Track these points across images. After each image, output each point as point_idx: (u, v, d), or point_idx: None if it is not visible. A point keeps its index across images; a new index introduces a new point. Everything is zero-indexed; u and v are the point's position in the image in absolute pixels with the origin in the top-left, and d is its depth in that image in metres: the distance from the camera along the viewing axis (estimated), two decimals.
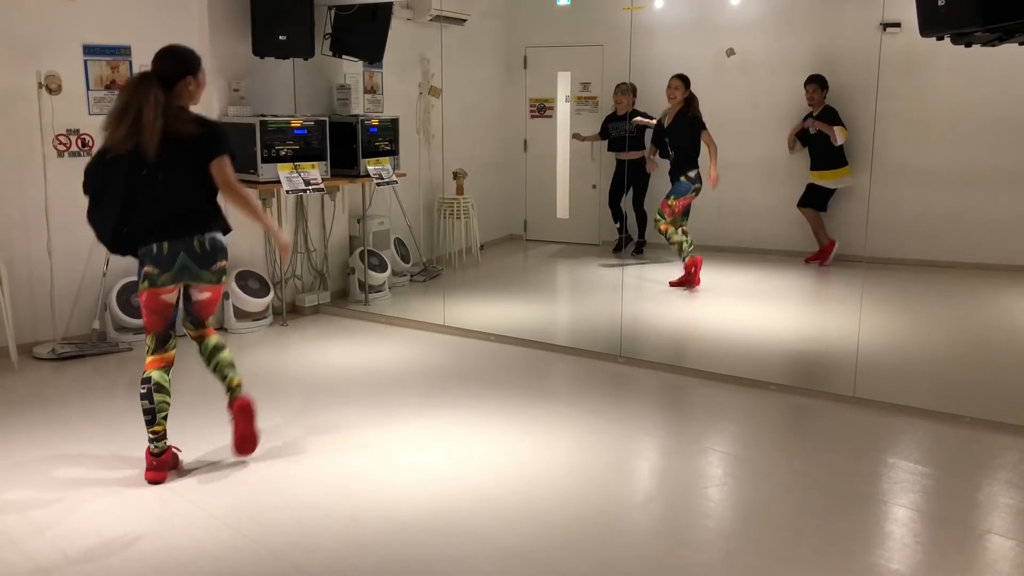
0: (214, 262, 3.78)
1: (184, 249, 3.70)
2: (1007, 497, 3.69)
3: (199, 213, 3.78)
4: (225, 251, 3.84)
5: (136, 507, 3.56)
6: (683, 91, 7.10)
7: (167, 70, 3.68)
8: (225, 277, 3.90)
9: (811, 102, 7.89)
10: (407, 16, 7.70)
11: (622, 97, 8.39)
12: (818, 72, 7.88)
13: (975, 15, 3.42)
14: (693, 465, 4.08)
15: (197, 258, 3.73)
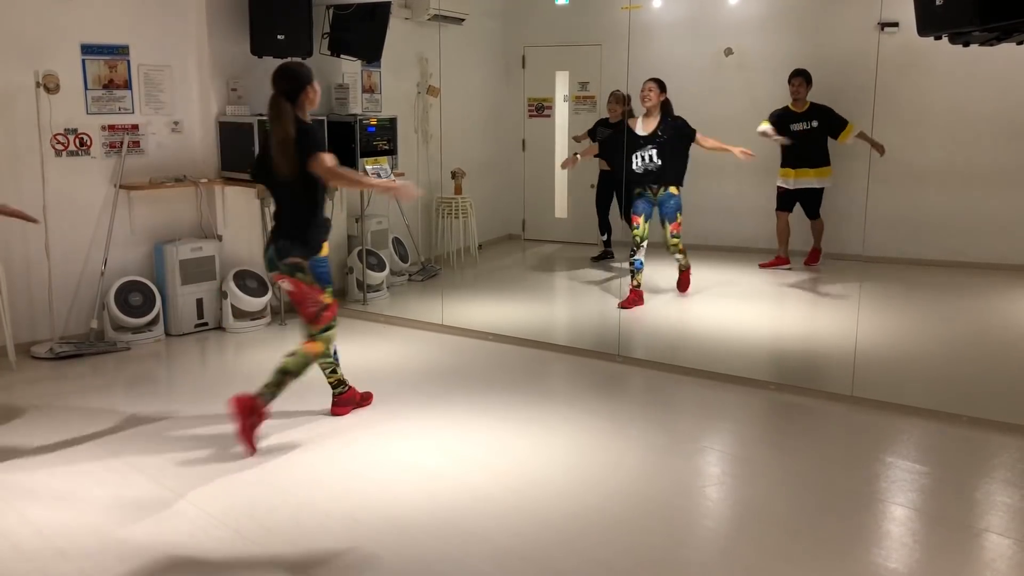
0: (287, 255, 4.14)
1: (273, 242, 4.23)
2: (1005, 496, 3.69)
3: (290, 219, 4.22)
4: (304, 247, 4.16)
5: (133, 507, 3.56)
6: (659, 95, 6.57)
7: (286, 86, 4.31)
8: (300, 274, 4.15)
9: (796, 96, 7.75)
10: (405, 15, 7.71)
11: (616, 106, 8.20)
12: (805, 69, 7.74)
13: (973, 14, 3.42)
14: (691, 464, 4.08)
15: (279, 250, 4.17)
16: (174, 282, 6.07)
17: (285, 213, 4.23)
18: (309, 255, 4.17)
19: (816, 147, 7.78)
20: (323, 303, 4.20)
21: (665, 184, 6.64)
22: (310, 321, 4.22)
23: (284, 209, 4.24)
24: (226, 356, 5.86)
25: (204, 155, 6.38)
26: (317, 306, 4.18)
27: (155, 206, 6.18)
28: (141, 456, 4.05)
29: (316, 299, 4.18)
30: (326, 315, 4.22)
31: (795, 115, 7.75)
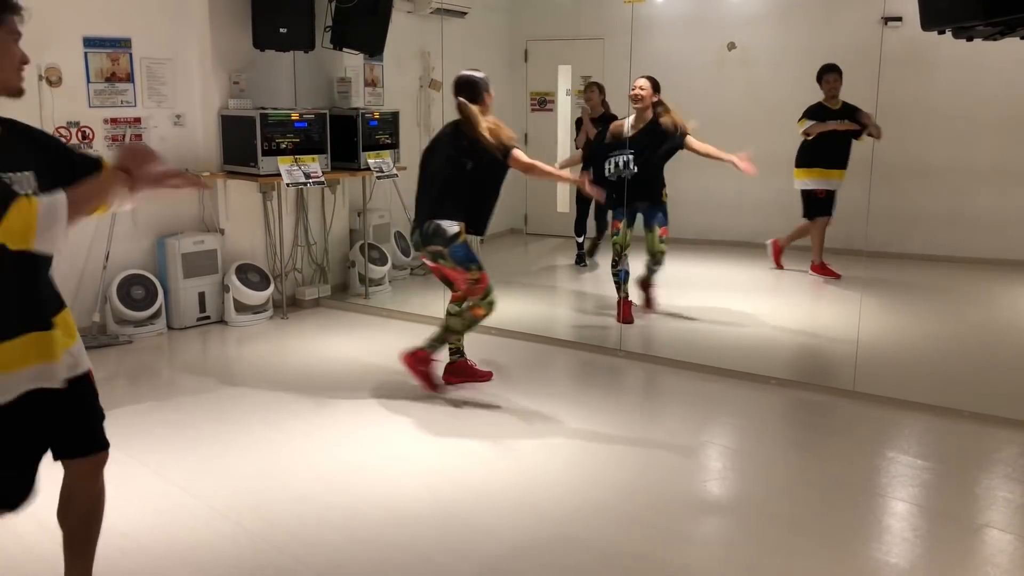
0: (429, 243, 4.57)
1: (418, 227, 4.67)
2: (1006, 491, 3.69)
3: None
4: (442, 236, 4.51)
5: (136, 500, 3.57)
6: (651, 95, 6.00)
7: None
8: (442, 260, 4.56)
9: (832, 93, 7.40)
10: (408, 9, 7.69)
11: (592, 95, 7.76)
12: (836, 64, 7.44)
13: (977, 9, 3.41)
14: (692, 459, 4.08)
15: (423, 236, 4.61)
16: (176, 276, 6.07)
17: (428, 197, 4.67)
18: (451, 243, 4.50)
19: (847, 147, 7.40)
20: (471, 278, 4.55)
21: (657, 191, 6.09)
22: (468, 293, 4.63)
23: (428, 194, 4.68)
24: (228, 350, 5.87)
25: (206, 148, 6.38)
26: (467, 282, 4.57)
27: (157, 200, 6.17)
28: (143, 449, 4.05)
29: (464, 277, 4.57)
30: (478, 287, 4.57)
31: (832, 112, 7.43)
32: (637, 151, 5.94)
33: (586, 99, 7.79)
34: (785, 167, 8.25)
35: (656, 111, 6.01)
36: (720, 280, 7.42)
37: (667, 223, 6.14)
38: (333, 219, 7.06)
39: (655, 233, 6.13)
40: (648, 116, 6.01)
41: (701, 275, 7.28)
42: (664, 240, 6.14)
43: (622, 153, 5.96)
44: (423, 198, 4.70)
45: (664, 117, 5.98)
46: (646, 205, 6.11)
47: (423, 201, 4.69)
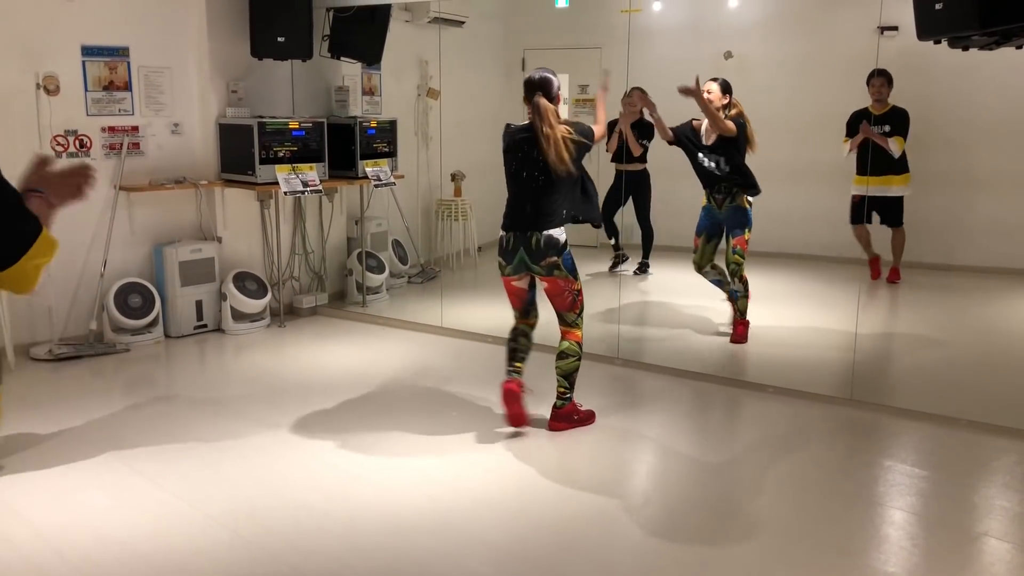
0: (543, 257, 4.22)
1: (523, 244, 4.26)
2: (1004, 500, 3.69)
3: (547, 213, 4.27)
4: (555, 246, 4.23)
5: (133, 508, 3.56)
6: (721, 96, 5.98)
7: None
8: (558, 272, 4.25)
9: (877, 98, 7.31)
10: (405, 18, 7.71)
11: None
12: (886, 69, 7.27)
13: (973, 18, 3.42)
14: (690, 467, 4.08)
15: (531, 254, 4.24)
16: (173, 284, 6.07)
17: (536, 206, 4.25)
18: (563, 251, 4.26)
19: (881, 153, 7.20)
20: (576, 289, 4.35)
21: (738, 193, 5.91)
22: (567, 309, 4.38)
23: (535, 202, 4.25)
24: (225, 358, 5.86)
25: (204, 157, 6.38)
26: (572, 294, 4.34)
27: (155, 208, 6.18)
28: (140, 458, 4.04)
29: (572, 288, 4.33)
30: (580, 299, 4.38)
31: (873, 117, 7.33)
32: (725, 152, 5.88)
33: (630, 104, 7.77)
34: (781, 176, 8.26)
35: (728, 113, 5.95)
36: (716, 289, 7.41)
37: (745, 230, 5.90)
38: (331, 227, 7.06)
39: (729, 243, 5.96)
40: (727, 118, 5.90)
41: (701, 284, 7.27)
42: (742, 253, 5.93)
43: (711, 157, 5.90)
44: (521, 210, 4.28)
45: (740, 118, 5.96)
46: (726, 209, 5.91)
47: (521, 213, 4.27)
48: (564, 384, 4.40)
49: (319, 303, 6.93)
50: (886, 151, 7.16)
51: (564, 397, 4.41)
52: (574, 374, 4.40)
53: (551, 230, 4.22)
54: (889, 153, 7.15)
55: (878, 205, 7.41)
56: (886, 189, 7.40)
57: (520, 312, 4.49)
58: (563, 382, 4.39)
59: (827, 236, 8.04)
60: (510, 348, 4.45)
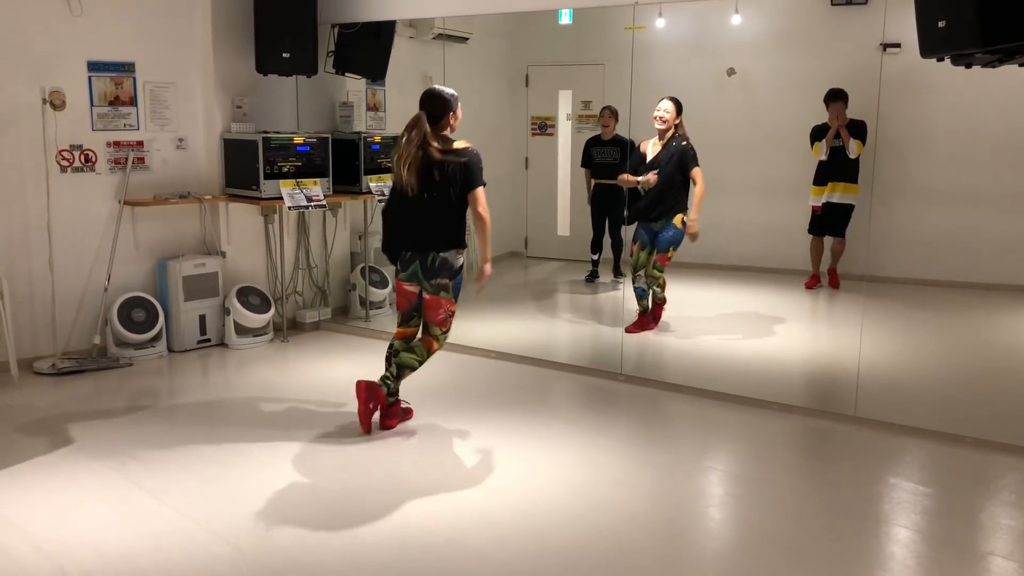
0: (436, 276, 4.43)
1: (420, 260, 4.45)
2: (1009, 519, 3.67)
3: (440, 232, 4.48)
4: (451, 269, 4.47)
5: (134, 523, 3.55)
6: (675, 116, 6.29)
7: (434, 110, 4.61)
8: (445, 294, 4.47)
9: (837, 117, 7.59)
10: (410, 34, 7.74)
11: (610, 120, 8.22)
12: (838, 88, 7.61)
13: (975, 36, 3.43)
14: (694, 484, 4.06)
15: (425, 270, 4.44)
16: (177, 298, 6.07)
17: (433, 225, 4.46)
18: (456, 275, 4.47)
19: (849, 162, 7.59)
20: (452, 310, 4.54)
21: (670, 213, 6.29)
22: (436, 324, 4.55)
23: (431, 220, 4.45)
24: (228, 372, 5.86)
25: (208, 172, 6.40)
26: (447, 313, 4.52)
27: (159, 222, 6.20)
28: (142, 473, 4.04)
29: (448, 308, 4.52)
30: (451, 319, 4.57)
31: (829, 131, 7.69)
32: (662, 169, 6.27)
33: (604, 125, 8.21)
34: (783, 191, 8.29)
35: (678, 132, 6.33)
36: (720, 304, 7.42)
37: (669, 249, 6.34)
38: (334, 242, 7.07)
39: (651, 258, 6.40)
40: (669, 136, 6.32)
41: (701, 299, 7.28)
42: (660, 268, 6.39)
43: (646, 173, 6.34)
44: (418, 227, 4.47)
45: (685, 140, 6.30)
46: (660, 225, 6.34)
47: (419, 231, 4.47)
48: (394, 373, 4.52)
49: (322, 318, 6.93)
50: (840, 161, 7.57)
51: (385, 382, 4.50)
52: (407, 370, 4.54)
53: (447, 252, 4.46)
54: (847, 153, 7.50)
55: (831, 213, 7.75)
56: (842, 196, 7.71)
57: (403, 316, 4.61)
58: (392, 370, 4.52)
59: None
60: (387, 356, 4.62)
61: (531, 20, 9.52)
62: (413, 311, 4.60)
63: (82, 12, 5.68)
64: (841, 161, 7.62)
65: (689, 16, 8.67)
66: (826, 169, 7.73)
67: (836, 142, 7.64)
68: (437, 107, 4.63)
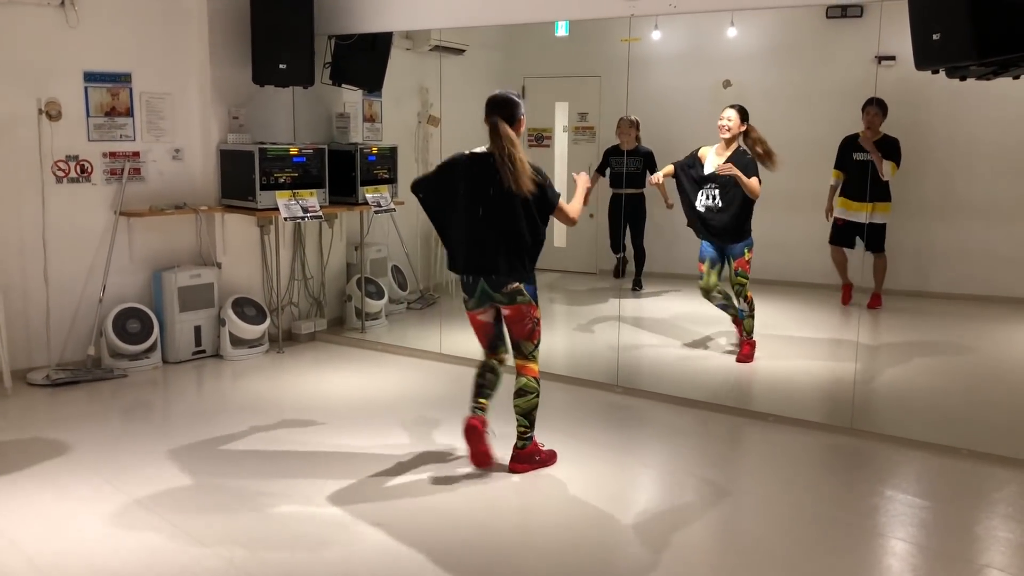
0: (504, 285, 4.09)
1: (484, 277, 4.13)
2: (1006, 531, 3.66)
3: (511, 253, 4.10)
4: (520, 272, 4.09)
5: (128, 537, 3.52)
6: (739, 124, 6.06)
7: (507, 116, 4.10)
8: (522, 298, 4.11)
9: (869, 126, 7.40)
10: (406, 46, 7.76)
11: (631, 130, 8.25)
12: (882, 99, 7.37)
13: (970, 49, 3.44)
14: (690, 497, 4.05)
15: (491, 283, 4.11)
16: (172, 309, 6.06)
17: (498, 237, 4.07)
18: (527, 278, 4.12)
19: (876, 179, 7.31)
20: (536, 317, 4.19)
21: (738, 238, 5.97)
22: (524, 338, 4.19)
23: (496, 236, 4.07)
24: (223, 384, 5.84)
25: (204, 183, 6.40)
26: (533, 321, 4.17)
27: (155, 233, 6.19)
28: (135, 485, 4.01)
29: (532, 315, 4.16)
30: (538, 330, 4.21)
31: (860, 146, 7.46)
32: (718, 185, 5.92)
33: (623, 135, 8.16)
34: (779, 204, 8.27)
35: (744, 144, 5.98)
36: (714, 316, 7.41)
37: (744, 252, 5.99)
38: (330, 253, 7.06)
39: (731, 265, 6.07)
40: (737, 146, 5.97)
41: (697, 310, 7.27)
42: (740, 272, 6.02)
43: (709, 187, 5.95)
44: (478, 241, 4.11)
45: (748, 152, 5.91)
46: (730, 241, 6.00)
47: (480, 250, 4.11)
48: (524, 423, 4.22)
49: (318, 329, 6.92)
50: (877, 175, 7.24)
51: (525, 437, 4.23)
52: (534, 412, 4.22)
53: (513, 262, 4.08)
54: (879, 175, 7.22)
55: (861, 231, 7.51)
56: (869, 215, 7.48)
57: (488, 347, 4.35)
58: (523, 421, 4.22)
59: (826, 263, 8.05)
60: (476, 384, 4.30)
61: (527, 32, 9.54)
62: (496, 340, 4.32)
63: (79, 23, 5.68)
64: (873, 176, 7.31)
65: (685, 28, 8.70)
66: (858, 183, 7.42)
67: (863, 155, 7.40)
68: (508, 111, 4.13)
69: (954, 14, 3.50)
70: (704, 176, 6.01)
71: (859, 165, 7.43)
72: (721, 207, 5.91)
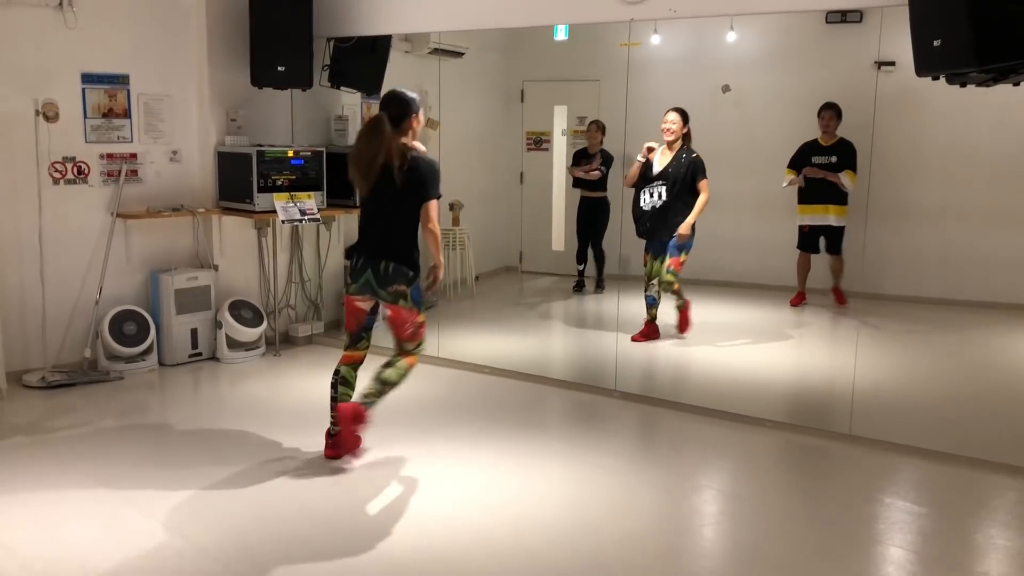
0: (391, 283, 4.15)
1: (371, 267, 4.17)
2: (1004, 539, 3.65)
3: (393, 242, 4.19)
4: (404, 275, 4.16)
5: (123, 540, 3.50)
6: (681, 127, 6.51)
7: (395, 112, 4.17)
8: (403, 301, 4.18)
9: (825, 130, 7.64)
10: (405, 49, 7.75)
11: (597, 133, 8.37)
12: (835, 103, 7.66)
13: (971, 56, 3.44)
14: (688, 503, 4.04)
15: (379, 278, 4.16)
16: (169, 311, 6.04)
17: (386, 233, 4.18)
18: (413, 282, 4.19)
19: (833, 184, 7.56)
20: (419, 322, 4.28)
21: (671, 232, 6.45)
22: (406, 340, 4.31)
23: (385, 228, 4.19)
24: (220, 387, 5.82)
25: (202, 185, 6.38)
26: (414, 326, 4.27)
27: (152, 235, 6.17)
28: (131, 488, 3.99)
29: (414, 320, 4.25)
30: (421, 331, 4.32)
31: (820, 148, 7.66)
32: (665, 183, 6.45)
33: (591, 138, 8.40)
34: (778, 207, 8.30)
35: (686, 144, 6.50)
36: (714, 320, 7.41)
37: (680, 253, 6.48)
38: (328, 256, 7.05)
39: (663, 264, 6.54)
40: (679, 147, 6.49)
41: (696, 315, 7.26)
42: (673, 272, 6.49)
43: (654, 185, 6.48)
44: (371, 235, 4.25)
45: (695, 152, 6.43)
46: (669, 237, 6.48)
47: (372, 239, 4.24)
48: (376, 388, 4.26)
49: (315, 332, 6.90)
50: (830, 182, 7.51)
51: (367, 401, 4.25)
52: (389, 387, 4.28)
53: (399, 261, 4.15)
54: (840, 187, 7.45)
55: (820, 233, 7.74)
56: (825, 219, 7.70)
57: (350, 338, 4.37)
58: (376, 387, 4.26)
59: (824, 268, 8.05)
60: (332, 398, 4.38)
61: (527, 36, 9.54)
62: (362, 331, 4.36)
63: (77, 24, 5.66)
64: (829, 181, 7.57)
65: (684, 33, 8.70)
66: (813, 189, 7.66)
67: (822, 159, 7.61)
68: (398, 109, 4.20)
69: (954, 20, 3.49)
70: (653, 175, 6.51)
71: (819, 168, 7.62)
72: (665, 202, 6.43)
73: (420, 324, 4.29)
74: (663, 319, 6.80)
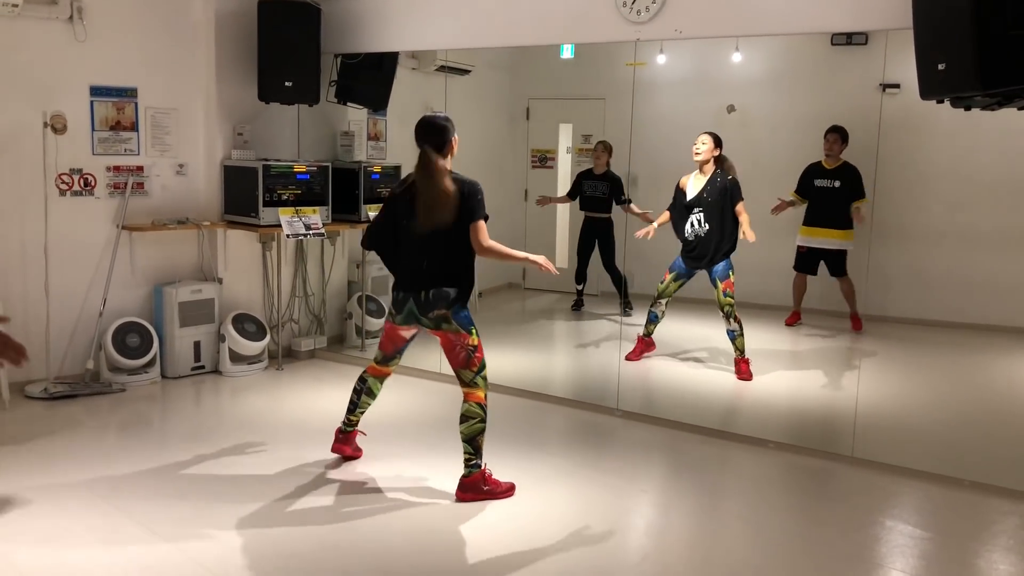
0: (432, 309, 4.04)
1: (413, 297, 4.08)
2: (1006, 564, 3.63)
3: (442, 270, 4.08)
4: (445, 298, 4.03)
5: (123, 554, 3.49)
6: (712, 149, 6.36)
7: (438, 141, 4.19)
8: (446, 324, 4.04)
9: (828, 153, 7.61)
10: (412, 66, 7.79)
11: (603, 155, 8.37)
12: (841, 126, 7.63)
13: (975, 80, 3.45)
14: (689, 523, 4.02)
15: (420, 306, 4.07)
16: (172, 324, 6.05)
17: (431, 263, 4.05)
18: (454, 304, 4.04)
19: (837, 207, 7.51)
20: (472, 345, 4.08)
21: (716, 255, 6.27)
22: (461, 366, 4.11)
23: (430, 259, 4.05)
24: (222, 400, 5.82)
25: (208, 198, 6.41)
26: (466, 349, 4.07)
27: (156, 248, 6.19)
28: (132, 501, 3.99)
29: (464, 343, 4.07)
30: (477, 356, 4.10)
31: (825, 172, 7.63)
32: (705, 211, 6.26)
33: (596, 159, 8.36)
34: (783, 228, 8.29)
35: (722, 167, 6.32)
36: (717, 341, 7.39)
37: (729, 275, 6.29)
38: (332, 270, 7.06)
39: (718, 288, 6.31)
40: (713, 171, 6.30)
41: (698, 334, 7.26)
42: (728, 293, 6.27)
43: (693, 213, 6.27)
44: (410, 265, 4.11)
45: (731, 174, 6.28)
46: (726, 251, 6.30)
47: (412, 269, 4.10)
48: (468, 450, 4.13)
49: (318, 346, 6.90)
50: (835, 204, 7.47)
51: (470, 464, 4.13)
52: (479, 437, 4.13)
53: (443, 286, 4.03)
54: (857, 222, 7.32)
55: (823, 256, 7.70)
56: (827, 242, 7.67)
57: (383, 356, 4.39)
58: (467, 447, 4.13)
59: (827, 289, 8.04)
60: (351, 399, 4.49)
61: (533, 54, 9.60)
62: (396, 353, 4.38)
63: (86, 37, 5.71)
64: (834, 203, 7.52)
65: (690, 53, 8.73)
66: (818, 211, 7.64)
67: (825, 182, 7.59)
68: (439, 137, 4.20)
69: (959, 44, 3.51)
70: (688, 203, 6.30)
71: (821, 192, 7.61)
72: (709, 229, 6.23)
73: (474, 347, 4.07)
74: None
